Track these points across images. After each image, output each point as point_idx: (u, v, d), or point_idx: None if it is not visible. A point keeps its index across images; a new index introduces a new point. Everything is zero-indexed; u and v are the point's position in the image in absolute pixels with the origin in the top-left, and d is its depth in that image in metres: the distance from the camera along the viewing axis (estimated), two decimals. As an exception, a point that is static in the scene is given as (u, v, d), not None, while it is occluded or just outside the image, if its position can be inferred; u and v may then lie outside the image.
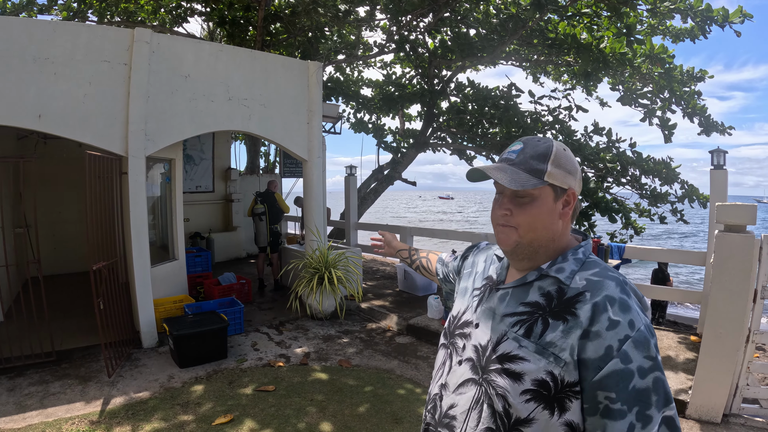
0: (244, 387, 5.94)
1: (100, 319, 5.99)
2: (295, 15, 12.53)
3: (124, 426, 5.01)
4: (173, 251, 8.64)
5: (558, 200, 1.49)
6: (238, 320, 7.83)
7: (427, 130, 14.61)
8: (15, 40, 6.34)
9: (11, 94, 6.30)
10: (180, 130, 7.62)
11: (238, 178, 15.44)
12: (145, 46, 7.09)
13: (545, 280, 1.48)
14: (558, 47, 11.36)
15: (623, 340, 1.28)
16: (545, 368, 1.34)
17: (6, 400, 5.60)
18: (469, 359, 1.53)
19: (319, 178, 9.31)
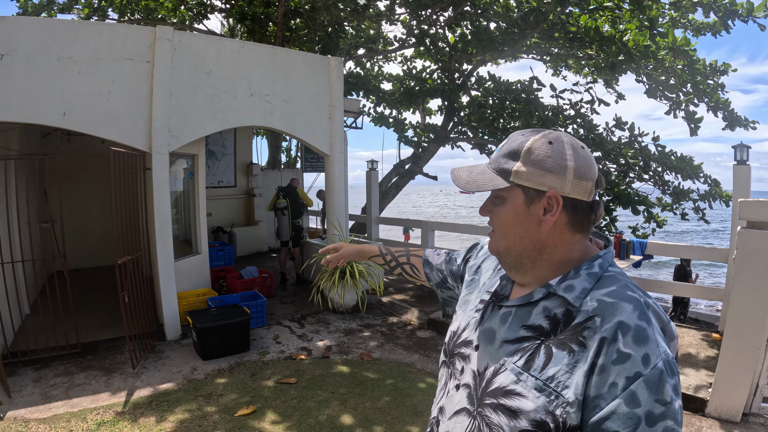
0: (267, 379, 6.01)
1: (124, 312, 6.10)
2: (315, 10, 12.55)
3: (149, 416, 5.11)
4: (196, 245, 8.75)
5: (532, 204, 1.28)
6: (261, 313, 7.91)
7: (448, 125, 14.56)
8: (39, 40, 6.45)
9: (36, 93, 6.41)
10: (203, 126, 7.71)
11: (259, 173, 15.51)
12: (167, 44, 7.17)
13: (552, 299, 1.27)
14: (580, 40, 11.28)
15: (632, 378, 1.07)
16: (545, 408, 1.15)
17: (32, 391, 5.73)
18: (466, 386, 1.37)
19: (341, 173, 9.35)
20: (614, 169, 11.57)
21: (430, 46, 13.92)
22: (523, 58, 13.66)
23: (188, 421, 5.04)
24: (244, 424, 4.97)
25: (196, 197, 8.63)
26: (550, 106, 12.71)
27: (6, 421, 5.08)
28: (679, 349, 1.30)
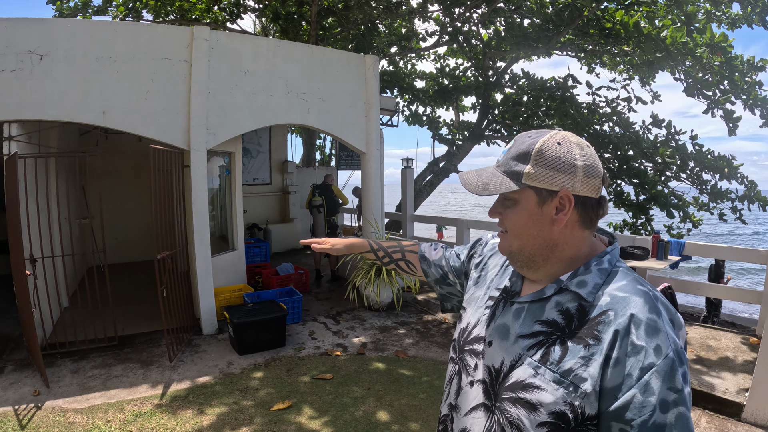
0: (302, 375, 6.04)
1: (163, 306, 6.20)
2: (348, 9, 12.57)
3: (187, 409, 5.19)
4: (233, 241, 8.84)
5: (544, 204, 1.32)
6: (297, 309, 7.95)
7: (482, 123, 14.50)
8: (78, 41, 6.59)
9: (76, 92, 6.56)
10: (240, 123, 7.79)
11: (294, 171, 15.60)
12: (205, 44, 7.25)
13: (564, 294, 1.32)
14: (615, 37, 11.12)
15: (645, 369, 1.13)
16: (564, 399, 1.19)
17: (70, 381, 5.84)
18: (482, 381, 1.40)
19: (377, 171, 9.36)
20: (650, 167, 11.39)
21: (464, 44, 13.85)
22: (557, 54, 13.52)
23: (225, 414, 5.09)
24: (280, 419, 5.01)
25: (233, 194, 8.72)
26: (585, 104, 12.56)
27: (44, 410, 5.18)
28: (716, 352, 1.34)
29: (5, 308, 8.64)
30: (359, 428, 4.84)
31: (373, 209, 9.27)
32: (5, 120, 6.44)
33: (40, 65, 6.40)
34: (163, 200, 6.43)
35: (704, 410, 5.23)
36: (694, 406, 5.28)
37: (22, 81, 6.31)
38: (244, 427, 4.86)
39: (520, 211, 1.35)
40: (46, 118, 6.56)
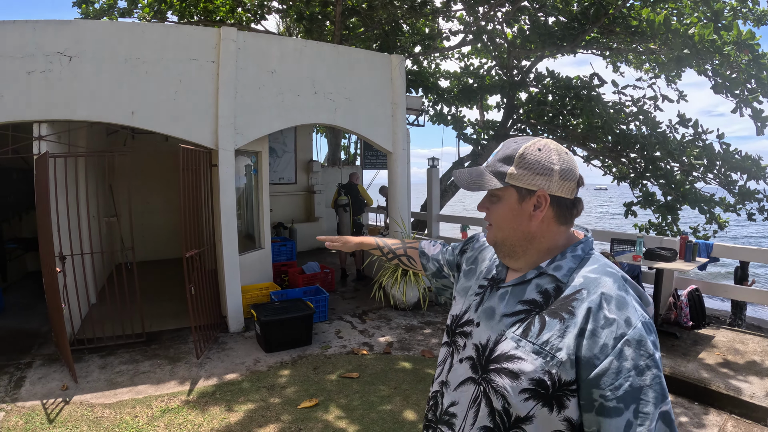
0: (329, 373, 6.05)
1: (191, 304, 6.26)
2: (372, 9, 12.55)
3: (215, 406, 5.24)
4: (259, 240, 8.91)
5: (524, 201, 1.49)
6: (323, 308, 7.96)
7: (507, 122, 14.39)
8: (106, 43, 6.72)
9: (105, 93, 6.69)
10: (268, 123, 7.84)
11: (320, 170, 15.62)
12: (232, 44, 7.31)
13: (543, 278, 1.48)
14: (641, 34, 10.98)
15: (619, 338, 1.28)
16: (542, 367, 1.34)
17: (97, 377, 5.94)
18: (469, 358, 1.55)
19: (404, 170, 9.34)
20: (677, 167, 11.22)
21: (488, 43, 13.77)
22: (581, 53, 13.38)
23: (253, 411, 5.13)
24: (308, 416, 5.02)
25: (260, 193, 8.79)
26: (611, 103, 12.41)
27: (72, 405, 5.26)
28: (743, 356, 1.41)
29: (34, 304, 8.84)
30: (386, 427, 4.84)
31: (400, 209, 9.25)
32: (35, 120, 6.56)
33: (69, 66, 6.52)
34: (192, 199, 6.47)
35: (731, 414, 5.15)
36: (720, 410, 5.22)
37: (51, 82, 6.44)
38: (271, 424, 4.88)
39: (503, 206, 1.53)
40: (76, 118, 6.68)
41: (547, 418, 1.34)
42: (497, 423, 1.41)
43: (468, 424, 1.49)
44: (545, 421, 1.34)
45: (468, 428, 1.48)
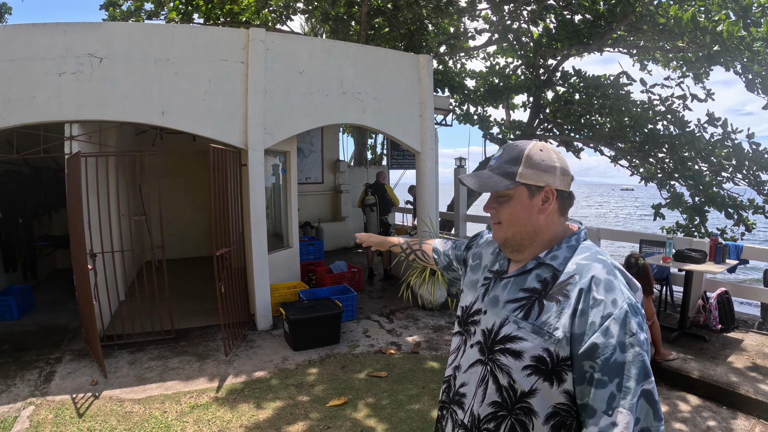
0: (357, 372, 6.06)
1: (220, 302, 6.30)
2: (398, 9, 12.54)
3: (243, 403, 5.28)
4: (287, 239, 8.97)
5: (534, 197, 1.65)
6: (351, 307, 7.98)
7: (533, 122, 14.29)
8: (136, 44, 6.83)
9: (135, 93, 6.80)
10: (297, 123, 7.87)
11: (346, 170, 15.65)
12: (260, 45, 7.37)
13: (542, 267, 1.64)
14: (669, 32, 10.84)
15: (605, 317, 1.43)
16: (541, 345, 1.50)
17: (127, 372, 6.02)
18: (477, 342, 1.71)
19: (432, 170, 9.32)
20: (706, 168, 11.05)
21: (514, 42, 13.69)
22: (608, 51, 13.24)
23: (281, 408, 5.15)
24: (336, 415, 5.03)
25: (288, 193, 8.84)
26: (640, 102, 12.25)
27: (101, 399, 5.34)
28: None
29: (63, 300, 9.02)
30: (414, 426, 4.84)
31: (428, 208, 9.22)
32: (67, 120, 6.67)
33: (100, 68, 6.64)
34: (221, 198, 6.51)
35: (759, 419, 5.07)
36: (749, 415, 5.14)
37: (82, 83, 6.57)
38: (300, 422, 4.90)
39: (514, 204, 1.66)
40: (107, 118, 6.79)
41: (549, 392, 1.50)
42: (504, 398, 1.57)
43: (477, 402, 1.64)
44: (547, 394, 1.50)
45: (477, 405, 1.64)
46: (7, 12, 27.02)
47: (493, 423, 1.59)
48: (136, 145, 11.12)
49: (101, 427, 4.80)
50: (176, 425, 4.83)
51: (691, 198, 11.11)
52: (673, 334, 6.69)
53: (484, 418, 1.62)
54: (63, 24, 6.57)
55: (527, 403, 1.52)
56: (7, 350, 6.74)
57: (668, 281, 8.06)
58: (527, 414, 1.53)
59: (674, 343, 6.52)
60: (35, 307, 8.73)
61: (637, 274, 5.90)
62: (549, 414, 1.51)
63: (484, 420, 1.61)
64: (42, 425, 4.83)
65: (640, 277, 5.88)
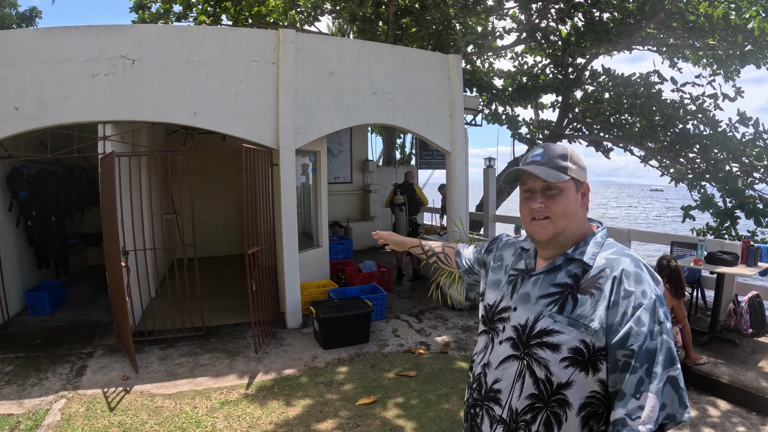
0: (387, 371, 6.07)
1: (251, 299, 6.36)
2: (425, 8, 12.53)
3: (273, 400, 5.33)
4: (317, 238, 9.02)
5: (578, 192, 1.76)
6: (380, 307, 8.00)
7: (562, 121, 14.21)
8: (168, 46, 6.94)
9: (168, 94, 6.91)
10: (328, 123, 7.92)
11: (375, 170, 15.68)
12: (291, 46, 7.41)
13: (571, 263, 1.72)
14: (699, 30, 10.70)
15: (636, 307, 1.54)
16: (578, 337, 1.58)
17: (158, 368, 6.11)
18: (509, 338, 1.77)
19: (462, 170, 9.29)
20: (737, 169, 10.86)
21: (542, 40, 13.60)
22: (637, 49, 13.11)
23: (311, 406, 5.18)
24: (365, 413, 5.05)
25: (318, 192, 8.91)
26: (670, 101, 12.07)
27: (132, 394, 5.43)
28: None
29: (94, 296, 9.22)
30: (443, 426, 4.84)
31: (458, 209, 9.20)
32: (100, 121, 6.79)
33: (132, 69, 6.76)
34: (252, 197, 6.58)
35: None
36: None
37: (115, 84, 6.70)
38: (329, 419, 4.92)
39: (566, 196, 1.72)
40: (140, 119, 6.91)
41: (584, 381, 1.58)
42: (541, 390, 1.63)
43: (515, 396, 1.69)
44: (582, 384, 1.58)
45: (515, 399, 1.68)
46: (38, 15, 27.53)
47: (530, 415, 1.65)
48: (167, 145, 11.26)
49: (132, 421, 4.87)
50: (207, 421, 4.88)
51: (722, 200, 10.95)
52: (703, 338, 6.58)
53: (522, 410, 1.66)
54: (95, 27, 6.70)
55: (563, 395, 1.59)
56: (39, 344, 6.89)
57: (699, 284, 7.93)
58: (562, 406, 1.60)
59: (704, 347, 6.42)
60: (67, 302, 8.91)
61: (669, 277, 5.83)
62: (582, 404, 1.58)
63: (522, 413, 1.66)
64: (74, 418, 4.91)
65: (672, 280, 5.81)
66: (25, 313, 8.30)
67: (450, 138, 9.06)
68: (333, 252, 10.32)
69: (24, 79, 6.51)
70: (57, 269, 9.80)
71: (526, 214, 1.79)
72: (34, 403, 5.23)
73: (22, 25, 26.14)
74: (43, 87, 6.53)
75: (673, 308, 5.73)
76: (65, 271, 10.05)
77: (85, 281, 10.64)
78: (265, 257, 7.14)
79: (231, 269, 11.39)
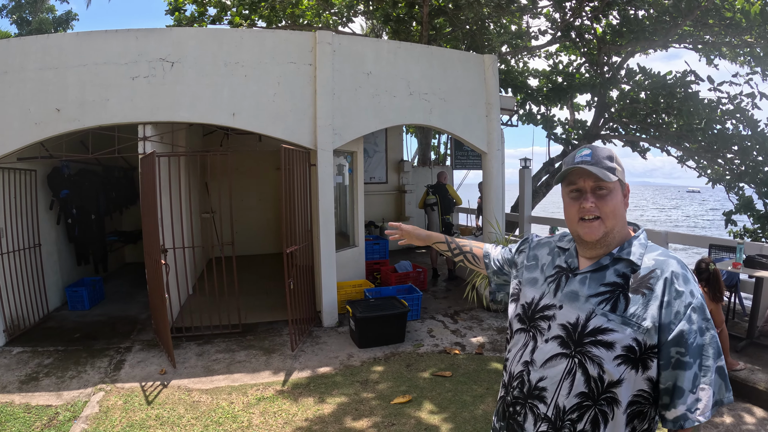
0: (422, 371, 6.09)
1: (289, 297, 6.43)
2: (459, 8, 12.50)
3: (308, 397, 5.39)
4: (353, 238, 9.09)
5: (622, 192, 1.80)
6: (416, 307, 8.02)
7: (598, 121, 14.06)
8: (207, 49, 7.08)
9: (207, 96, 7.04)
10: (365, 124, 7.97)
11: (410, 170, 15.70)
12: (328, 47, 7.49)
13: (619, 263, 1.76)
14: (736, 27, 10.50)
15: (687, 306, 1.62)
16: (631, 336, 1.63)
17: (195, 363, 6.23)
18: (556, 337, 1.78)
19: (498, 170, 9.29)
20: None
21: (576, 39, 13.47)
22: (674, 47, 12.91)
23: (346, 404, 5.23)
24: (400, 412, 5.07)
25: (355, 192, 8.98)
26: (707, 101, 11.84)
27: (170, 388, 5.55)
28: None
29: (132, 293, 9.43)
30: (478, 427, 4.84)
31: (495, 209, 9.18)
32: (140, 122, 6.96)
33: (172, 71, 6.91)
34: (290, 197, 6.65)
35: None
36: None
37: (155, 86, 6.87)
38: (364, 418, 4.96)
39: (614, 197, 1.77)
40: (179, 119, 7.05)
41: (634, 379, 1.64)
42: (592, 388, 1.66)
43: (563, 394, 1.71)
44: (632, 382, 1.64)
45: (563, 397, 1.71)
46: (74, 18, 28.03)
47: (577, 413, 1.69)
48: (204, 145, 11.43)
49: (169, 414, 4.97)
50: (243, 416, 4.96)
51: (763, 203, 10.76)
52: (741, 344, 6.46)
53: (569, 409, 1.70)
54: (134, 30, 6.87)
55: (612, 393, 1.64)
56: (78, 338, 7.08)
57: (737, 288, 7.73)
58: (610, 404, 1.65)
59: (741, 353, 6.29)
60: (105, 298, 9.13)
61: (707, 280, 5.73)
62: (629, 402, 1.65)
63: (569, 411, 1.70)
64: (111, 410, 5.03)
65: (711, 283, 5.72)
66: (65, 308, 8.53)
67: (486, 138, 9.06)
68: (368, 252, 10.35)
69: (65, 81, 6.70)
70: (96, 266, 10.03)
71: (574, 213, 1.81)
72: (73, 395, 5.37)
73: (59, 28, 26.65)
74: (84, 89, 6.71)
75: (710, 312, 5.60)
76: (104, 267, 10.28)
77: (122, 278, 10.86)
78: (302, 256, 7.22)
79: (267, 268, 11.50)
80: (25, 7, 26.08)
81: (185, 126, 8.19)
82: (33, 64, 6.68)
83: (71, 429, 4.71)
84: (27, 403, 5.16)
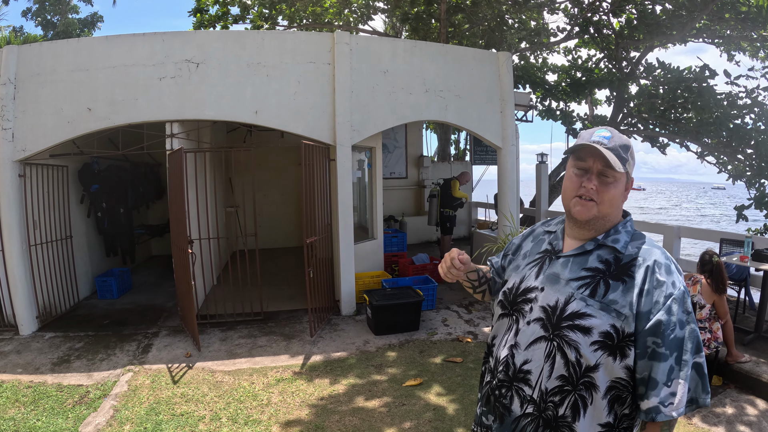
0: (434, 357, 6.34)
1: (309, 286, 6.74)
2: (476, 5, 12.59)
3: (323, 378, 5.71)
4: (372, 231, 9.36)
5: (626, 184, 1.82)
6: (431, 297, 8.21)
7: (617, 116, 13.97)
8: (230, 50, 7.42)
9: (230, 95, 7.38)
10: (382, 120, 8.21)
11: (430, 165, 15.82)
12: (345, 47, 7.75)
13: (603, 249, 1.80)
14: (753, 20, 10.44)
15: (668, 297, 1.65)
16: (609, 322, 1.67)
17: (218, 348, 6.60)
18: (538, 319, 1.82)
19: (513, 166, 9.42)
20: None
21: (595, 34, 13.46)
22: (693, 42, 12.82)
23: (360, 386, 5.52)
24: (410, 393, 5.34)
25: (374, 187, 9.24)
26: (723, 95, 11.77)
27: (195, 369, 5.92)
28: None
29: (159, 283, 9.88)
30: (484, 408, 5.03)
31: (510, 204, 9.34)
32: (168, 120, 7.31)
33: (197, 72, 7.26)
34: (311, 191, 6.95)
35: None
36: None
37: (181, 86, 7.21)
38: (376, 398, 5.24)
39: (617, 186, 1.79)
40: (205, 117, 7.39)
41: (611, 366, 1.67)
42: (571, 372, 1.71)
43: (545, 376, 1.76)
44: (609, 369, 1.67)
45: (545, 380, 1.76)
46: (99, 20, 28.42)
47: (558, 396, 1.73)
48: (228, 142, 11.72)
49: (194, 393, 5.32)
50: (263, 395, 5.28)
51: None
52: (748, 337, 6.44)
53: (551, 391, 1.75)
54: (161, 33, 7.25)
55: (590, 377, 1.68)
56: (107, 324, 7.49)
57: (747, 282, 7.61)
58: (588, 388, 1.69)
59: (748, 346, 6.26)
60: (133, 288, 9.55)
61: (711, 272, 5.68)
62: (607, 387, 1.68)
63: (551, 393, 1.75)
64: (139, 389, 5.40)
65: (714, 275, 5.65)
66: (94, 296, 8.96)
67: (501, 134, 9.20)
68: (387, 245, 10.56)
69: (96, 82, 7.07)
70: (124, 257, 10.43)
71: (572, 189, 1.82)
72: (103, 375, 5.75)
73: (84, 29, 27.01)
74: (114, 89, 7.08)
75: (714, 304, 5.63)
76: (131, 259, 10.69)
77: (149, 269, 11.30)
78: (321, 248, 7.51)
79: (288, 260, 11.81)
80: (48, 9, 26.50)
81: (210, 123, 8.47)
82: (65, 67, 7.06)
83: (101, 405, 5.05)
84: (59, 383, 5.53)
